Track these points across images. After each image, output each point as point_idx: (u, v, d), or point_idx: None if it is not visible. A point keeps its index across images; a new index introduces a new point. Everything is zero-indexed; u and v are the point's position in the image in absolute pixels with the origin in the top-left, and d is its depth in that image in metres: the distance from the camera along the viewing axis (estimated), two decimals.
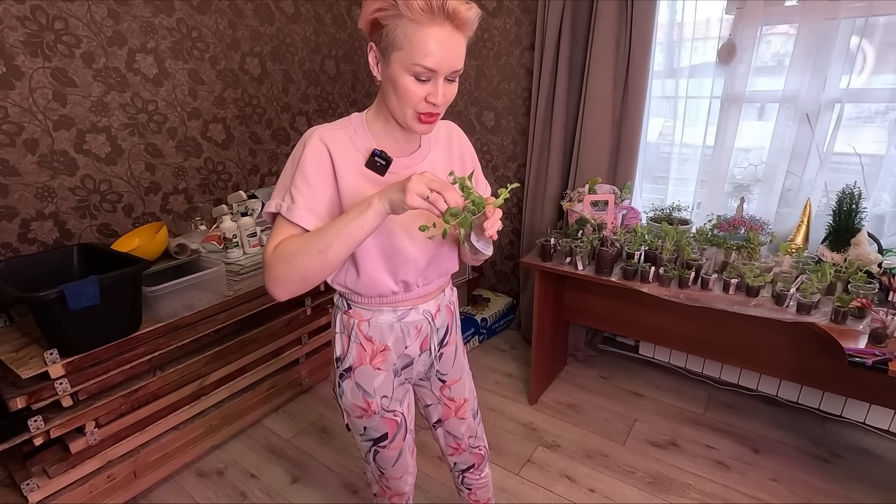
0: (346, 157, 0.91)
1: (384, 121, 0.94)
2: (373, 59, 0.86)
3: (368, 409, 1.06)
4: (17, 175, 1.74)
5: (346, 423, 1.13)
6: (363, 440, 1.13)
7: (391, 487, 1.21)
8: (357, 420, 1.09)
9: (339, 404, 1.10)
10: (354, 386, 1.05)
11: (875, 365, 1.30)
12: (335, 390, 1.09)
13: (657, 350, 2.46)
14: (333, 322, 1.07)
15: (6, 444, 1.38)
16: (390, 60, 0.82)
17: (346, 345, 1.04)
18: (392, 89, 0.85)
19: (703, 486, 1.78)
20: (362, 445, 1.14)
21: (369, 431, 1.10)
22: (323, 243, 0.83)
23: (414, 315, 1.05)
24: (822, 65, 1.80)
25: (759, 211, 1.99)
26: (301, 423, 2.16)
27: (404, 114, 0.87)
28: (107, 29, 1.88)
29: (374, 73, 0.87)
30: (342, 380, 1.06)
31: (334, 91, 2.84)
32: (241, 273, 1.98)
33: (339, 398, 1.09)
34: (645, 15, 2.00)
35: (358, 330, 1.02)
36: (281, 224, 0.89)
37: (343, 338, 1.04)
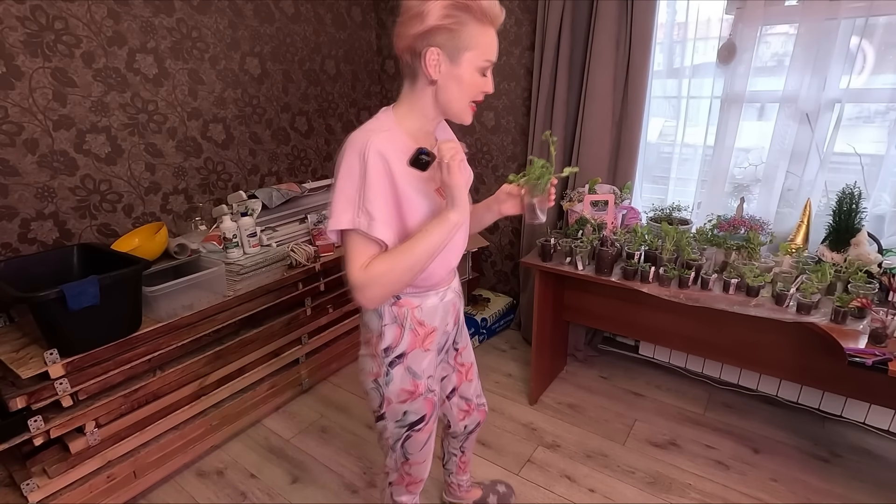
0: (396, 160, 0.94)
1: (421, 118, 1.01)
2: (434, 61, 0.93)
3: (416, 391, 1.13)
4: (17, 175, 1.74)
5: (380, 413, 1.16)
6: (398, 426, 1.17)
7: (411, 474, 1.27)
8: (399, 406, 1.14)
9: (382, 393, 1.13)
10: (405, 371, 1.12)
11: (875, 365, 1.30)
12: (378, 380, 1.12)
13: (657, 350, 2.46)
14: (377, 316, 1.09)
15: (6, 444, 1.38)
16: (461, 60, 0.93)
17: (399, 333, 1.10)
18: (456, 84, 0.96)
19: (703, 486, 1.78)
20: (394, 433, 1.19)
21: (409, 415, 1.16)
22: (409, 262, 0.93)
23: (450, 294, 1.18)
24: (822, 65, 1.80)
25: (759, 211, 1.99)
26: (301, 423, 2.16)
27: (463, 106, 0.99)
28: (107, 29, 1.88)
29: (433, 73, 0.94)
30: (392, 367, 1.11)
31: (334, 91, 2.84)
32: (241, 273, 1.98)
33: (382, 387, 1.12)
34: (645, 15, 2.00)
35: (412, 317, 1.10)
36: (359, 240, 0.93)
37: (394, 328, 1.09)
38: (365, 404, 2.27)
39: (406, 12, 0.92)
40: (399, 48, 0.96)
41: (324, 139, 2.85)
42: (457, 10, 0.89)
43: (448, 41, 0.91)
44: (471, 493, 1.68)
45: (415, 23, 0.90)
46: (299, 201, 2.35)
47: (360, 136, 0.94)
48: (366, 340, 1.14)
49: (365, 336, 1.14)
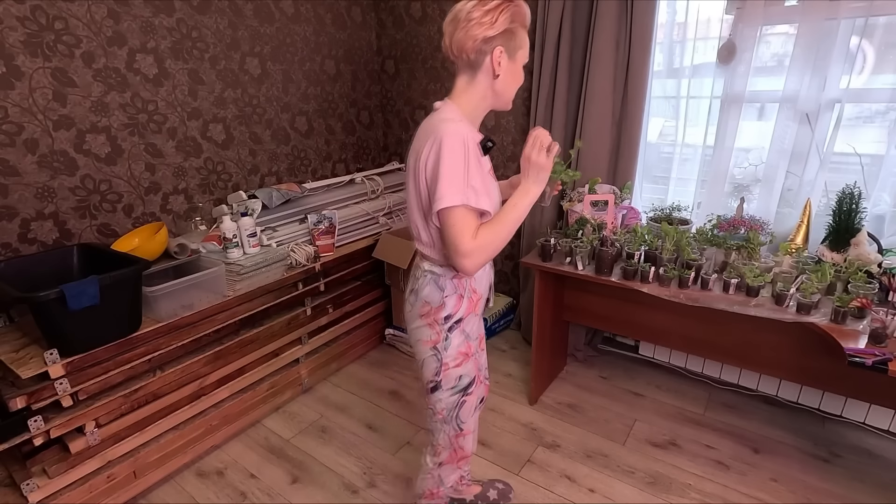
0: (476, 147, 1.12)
1: (479, 108, 1.19)
2: (498, 57, 1.11)
3: (469, 352, 1.27)
4: (17, 175, 1.74)
5: (436, 381, 1.27)
6: (453, 393, 1.28)
7: (463, 447, 1.37)
8: (455, 369, 1.26)
9: (440, 358, 1.24)
10: (461, 333, 1.25)
11: (875, 365, 1.30)
12: (437, 346, 1.24)
13: (657, 350, 2.46)
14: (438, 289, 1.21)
15: (6, 444, 1.38)
16: (516, 57, 1.15)
17: (459, 302, 1.23)
18: (511, 77, 1.17)
19: (703, 486, 1.78)
20: (449, 402, 1.29)
21: (463, 379, 1.28)
22: (506, 231, 1.12)
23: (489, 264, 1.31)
24: (822, 65, 1.80)
25: (759, 211, 1.99)
26: (301, 423, 2.16)
27: (513, 94, 1.21)
28: (107, 29, 1.88)
29: (497, 69, 1.12)
30: (451, 332, 1.24)
31: (334, 91, 2.84)
32: (241, 273, 1.98)
33: (441, 353, 1.24)
34: (645, 15, 2.00)
35: (471, 286, 1.25)
36: (467, 214, 1.07)
37: (455, 297, 1.22)
38: (363, 406, 2.27)
39: (469, 19, 1.08)
40: (462, 48, 1.11)
41: (324, 139, 2.85)
42: (514, 18, 1.10)
43: (508, 42, 1.12)
44: (471, 487, 1.69)
45: (485, 27, 1.08)
46: (299, 201, 2.35)
47: (453, 126, 1.08)
48: (423, 313, 1.24)
49: (421, 310, 1.24)
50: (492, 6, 1.08)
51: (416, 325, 1.27)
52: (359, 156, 3.10)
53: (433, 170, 1.07)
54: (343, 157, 3.00)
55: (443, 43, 1.16)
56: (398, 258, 2.40)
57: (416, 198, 1.16)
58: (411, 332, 1.30)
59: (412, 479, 1.84)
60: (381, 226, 2.66)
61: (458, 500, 1.68)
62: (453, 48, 1.13)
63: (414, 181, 1.15)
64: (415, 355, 1.31)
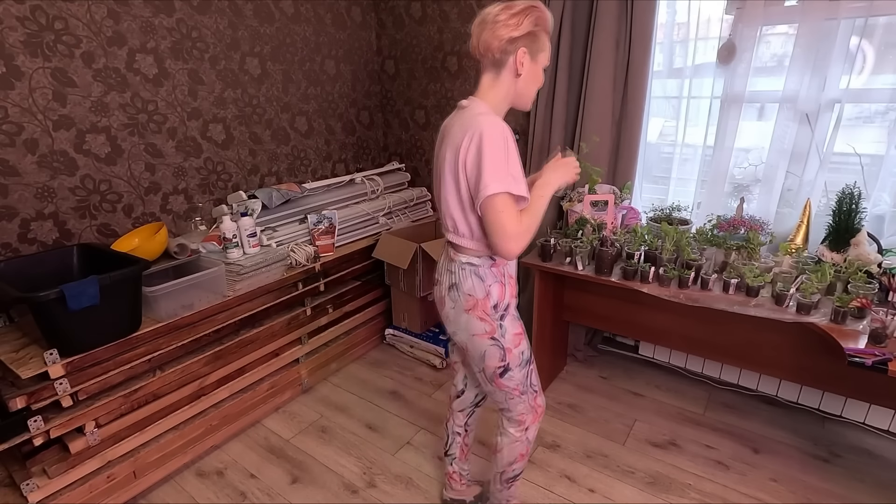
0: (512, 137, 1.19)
1: (503, 104, 1.26)
2: (521, 58, 1.19)
3: (522, 331, 1.36)
4: (17, 175, 1.74)
5: (503, 365, 1.33)
6: (521, 368, 1.36)
7: (540, 404, 1.47)
8: (515, 349, 1.33)
9: (502, 346, 1.31)
10: (512, 317, 1.34)
11: (875, 365, 1.31)
12: (495, 336, 1.30)
13: (657, 350, 2.46)
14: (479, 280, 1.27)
15: (6, 444, 1.38)
16: (538, 59, 1.23)
17: (501, 289, 1.29)
18: (532, 78, 1.25)
19: (703, 486, 1.78)
20: (520, 376, 1.37)
21: (525, 353, 1.37)
22: (539, 217, 1.20)
23: None
24: (822, 65, 1.80)
25: (759, 211, 1.99)
26: (301, 423, 2.16)
27: (533, 95, 1.30)
28: (107, 29, 1.88)
29: (521, 69, 1.20)
30: (503, 319, 1.31)
31: (334, 91, 2.84)
32: (241, 273, 1.98)
33: (500, 340, 1.30)
34: (645, 15, 2.00)
35: (507, 273, 1.31)
36: (510, 201, 1.14)
37: (497, 285, 1.28)
38: (363, 406, 2.27)
39: (496, 21, 1.16)
40: (488, 48, 1.18)
41: (324, 139, 2.85)
42: (537, 22, 1.18)
43: (531, 44, 1.19)
44: (471, 488, 1.70)
45: (510, 29, 1.15)
46: (299, 201, 2.35)
47: (491, 119, 1.15)
48: (469, 307, 1.28)
49: (467, 304, 1.28)
50: (518, 10, 1.16)
51: (465, 320, 1.31)
52: (359, 156, 3.10)
53: (475, 161, 1.13)
54: (343, 157, 3.00)
55: (470, 43, 1.23)
56: (398, 258, 2.40)
57: (455, 191, 1.21)
58: (460, 329, 1.33)
59: (412, 479, 1.85)
60: (381, 226, 2.66)
61: (458, 500, 1.68)
62: (480, 47, 1.20)
63: (452, 175, 1.20)
64: (468, 349, 1.35)
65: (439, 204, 1.30)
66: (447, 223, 1.28)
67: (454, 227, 1.26)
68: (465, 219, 1.23)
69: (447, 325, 1.38)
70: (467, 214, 1.22)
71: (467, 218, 1.22)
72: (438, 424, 2.13)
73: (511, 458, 1.50)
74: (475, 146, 1.13)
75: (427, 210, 2.96)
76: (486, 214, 1.15)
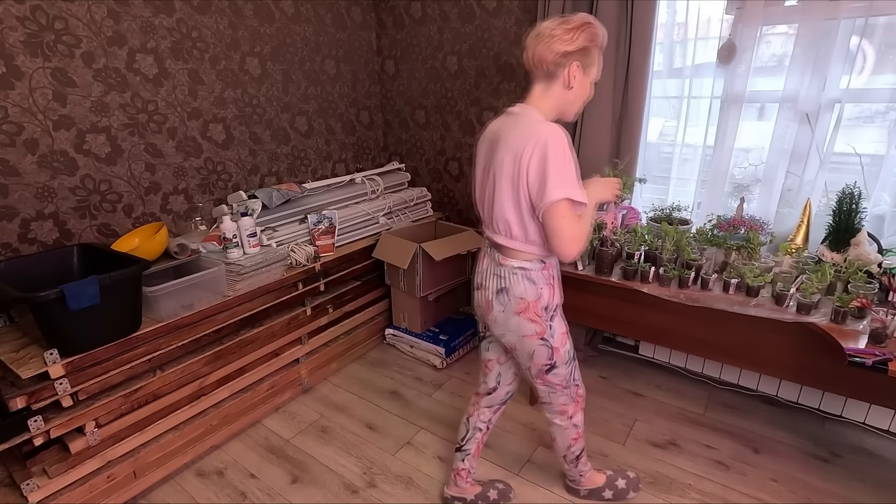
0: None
1: (552, 114, 1.31)
2: (574, 71, 1.24)
3: (567, 329, 1.44)
4: (17, 175, 1.74)
5: (550, 363, 1.41)
6: (567, 365, 1.45)
7: (581, 394, 1.56)
8: (562, 348, 1.41)
9: (550, 345, 1.38)
10: (560, 318, 1.41)
11: (875, 365, 1.30)
12: (545, 337, 1.36)
13: (657, 350, 2.46)
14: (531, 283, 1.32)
15: (6, 444, 1.38)
16: (589, 73, 1.29)
17: (550, 291, 1.36)
18: (582, 92, 1.30)
19: (703, 486, 1.78)
20: (566, 372, 1.45)
21: (570, 351, 1.45)
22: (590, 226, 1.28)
23: None
24: (822, 65, 1.80)
25: (759, 211, 1.99)
26: (301, 423, 2.16)
27: (579, 109, 1.35)
28: (107, 29, 1.88)
29: (572, 81, 1.26)
30: (552, 320, 1.38)
31: (334, 91, 2.84)
32: (241, 273, 1.98)
33: (550, 340, 1.37)
34: (645, 15, 2.00)
35: (555, 275, 1.38)
36: (572, 205, 1.20)
37: (547, 287, 1.35)
38: (363, 406, 2.27)
39: (552, 35, 1.21)
40: (543, 60, 1.24)
41: (324, 139, 2.85)
42: (591, 38, 1.23)
43: (584, 58, 1.25)
44: (474, 487, 1.70)
45: (565, 43, 1.21)
46: (299, 201, 2.35)
47: (554, 127, 1.20)
48: (520, 310, 1.33)
49: (518, 307, 1.33)
50: (573, 25, 1.22)
51: (515, 323, 1.36)
52: (359, 156, 3.10)
53: (540, 168, 1.18)
54: (343, 157, 3.00)
55: (524, 55, 1.28)
56: (398, 258, 2.40)
57: (513, 196, 1.25)
58: (510, 331, 1.38)
59: (412, 479, 1.85)
60: (381, 226, 2.66)
61: (459, 498, 1.68)
62: (534, 59, 1.26)
63: (511, 180, 1.24)
64: (516, 349, 1.41)
65: (488, 207, 1.35)
66: (498, 227, 1.32)
67: (507, 231, 1.30)
68: (521, 223, 1.27)
69: (494, 327, 1.42)
70: (525, 219, 1.26)
71: (524, 222, 1.27)
72: (439, 424, 2.13)
73: (566, 443, 1.61)
74: (539, 153, 1.17)
75: (427, 210, 2.96)
76: (550, 220, 1.20)
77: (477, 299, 1.46)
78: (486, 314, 1.42)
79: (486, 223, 1.39)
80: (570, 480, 1.73)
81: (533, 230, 1.28)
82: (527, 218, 1.26)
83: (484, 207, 1.38)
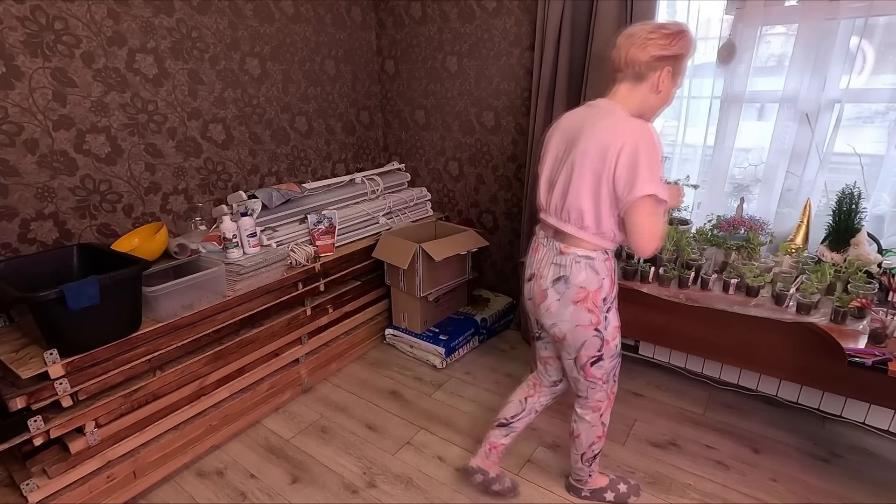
0: None
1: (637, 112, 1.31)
2: (665, 77, 1.28)
3: (620, 323, 1.45)
4: (17, 175, 1.74)
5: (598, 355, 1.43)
6: (613, 359, 1.47)
7: (615, 392, 1.57)
8: (613, 341, 1.43)
9: (602, 337, 1.40)
10: (615, 311, 1.43)
11: (875, 365, 1.31)
12: (599, 328, 1.38)
13: (657, 350, 2.46)
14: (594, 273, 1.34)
15: (6, 444, 1.38)
16: (675, 81, 1.32)
17: (610, 284, 1.38)
18: (665, 96, 1.33)
19: (703, 486, 1.78)
20: (610, 367, 1.47)
21: (618, 346, 1.47)
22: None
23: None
24: (822, 65, 1.80)
25: (759, 211, 1.99)
26: (301, 423, 2.16)
27: (659, 112, 1.38)
28: (107, 29, 1.88)
29: (661, 86, 1.29)
30: (608, 312, 1.40)
31: (334, 91, 2.84)
32: (241, 273, 1.98)
33: (603, 332, 1.39)
34: (645, 15, 2.00)
35: (614, 267, 1.41)
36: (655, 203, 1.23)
37: (608, 279, 1.37)
38: (363, 406, 2.27)
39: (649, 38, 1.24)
40: (635, 61, 1.26)
41: (324, 139, 2.85)
42: (684, 47, 1.27)
43: (676, 65, 1.28)
44: (496, 466, 1.73)
45: (661, 48, 1.24)
46: (299, 201, 2.35)
47: (647, 126, 1.23)
48: (578, 299, 1.35)
49: (576, 296, 1.35)
50: (670, 31, 1.25)
51: (571, 311, 1.37)
52: (359, 156, 3.10)
53: (631, 162, 1.19)
54: (343, 157, 3.00)
55: (614, 53, 1.31)
56: (398, 258, 2.40)
57: (594, 185, 1.26)
58: (563, 320, 1.39)
59: (412, 479, 1.85)
60: (382, 226, 2.66)
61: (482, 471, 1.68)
62: (626, 59, 1.28)
63: (594, 170, 1.25)
64: (566, 339, 1.42)
65: (559, 195, 1.35)
66: (568, 215, 1.33)
67: (578, 220, 1.31)
68: (595, 213, 1.28)
69: (546, 317, 1.42)
70: (601, 210, 1.27)
71: (599, 213, 1.28)
72: (438, 424, 2.13)
73: (589, 441, 1.60)
74: (631, 147, 1.19)
75: (427, 210, 2.96)
76: (634, 214, 1.22)
77: (528, 290, 1.48)
78: (539, 303, 1.42)
79: (551, 211, 1.39)
80: (575, 479, 1.73)
81: (607, 222, 1.28)
82: (604, 209, 1.27)
83: (552, 195, 1.38)
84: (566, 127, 1.38)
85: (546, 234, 1.43)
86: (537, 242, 1.47)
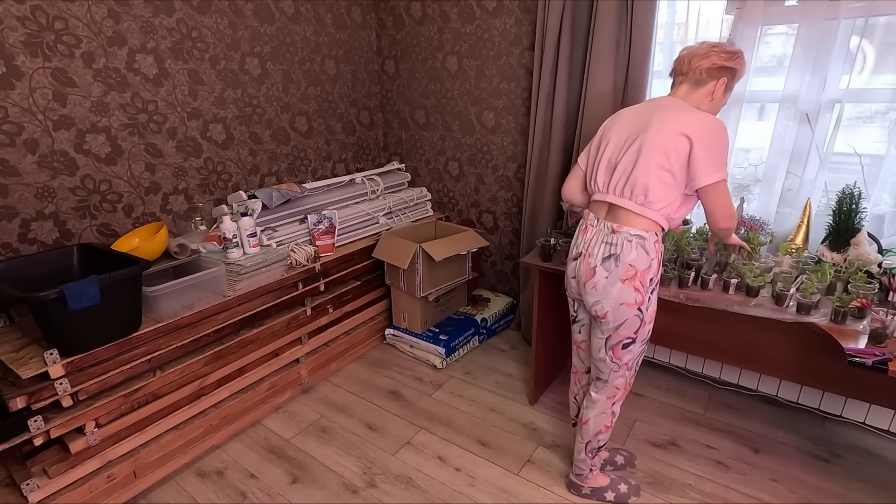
0: None
1: None
2: (720, 86, 1.39)
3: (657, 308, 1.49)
4: (17, 175, 1.74)
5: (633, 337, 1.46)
6: (643, 344, 1.51)
7: (631, 383, 1.61)
8: (649, 324, 1.48)
9: (642, 318, 1.44)
10: (656, 294, 1.47)
11: (875, 365, 1.30)
12: (642, 307, 1.42)
13: (657, 350, 2.46)
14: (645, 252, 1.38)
15: (6, 444, 1.38)
16: (726, 94, 1.44)
17: (658, 265, 1.42)
18: (716, 105, 1.44)
19: (703, 486, 1.78)
20: (638, 353, 1.51)
21: (650, 333, 1.50)
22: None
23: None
24: (822, 65, 1.80)
25: (759, 211, 1.99)
26: (301, 423, 2.16)
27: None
28: (107, 29, 1.88)
29: (717, 93, 1.40)
30: (652, 294, 1.44)
31: (334, 91, 2.84)
32: (242, 273, 1.98)
33: (644, 312, 1.43)
34: (645, 15, 2.00)
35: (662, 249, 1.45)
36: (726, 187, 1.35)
37: (656, 261, 1.41)
38: (363, 406, 2.27)
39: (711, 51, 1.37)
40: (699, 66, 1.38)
41: (324, 139, 2.85)
42: (740, 66, 1.41)
43: (731, 79, 1.41)
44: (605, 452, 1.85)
45: (723, 59, 1.37)
46: (299, 201, 2.35)
47: (718, 119, 1.35)
48: (626, 277, 1.39)
49: (625, 274, 1.39)
50: (730, 50, 1.39)
51: (617, 289, 1.40)
52: (359, 156, 3.10)
53: (711, 146, 1.30)
54: (343, 157, 3.00)
55: (678, 58, 1.43)
56: (398, 258, 2.40)
57: (664, 163, 1.33)
58: (608, 298, 1.42)
59: (412, 479, 1.85)
60: (382, 226, 2.66)
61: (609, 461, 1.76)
62: (690, 63, 1.39)
63: (664, 149, 1.32)
64: (607, 317, 1.44)
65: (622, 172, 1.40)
66: (631, 191, 1.38)
67: (641, 195, 1.36)
68: (660, 190, 1.34)
69: (590, 294, 1.45)
70: (669, 188, 1.35)
71: (664, 190, 1.34)
72: (438, 424, 2.13)
73: (597, 428, 1.62)
74: (710, 133, 1.30)
75: (427, 210, 2.96)
76: (713, 195, 1.34)
77: (573, 269, 1.52)
78: (586, 281, 1.45)
79: (610, 190, 1.44)
80: (576, 475, 1.73)
81: (670, 199, 1.36)
82: (672, 187, 1.34)
83: (614, 175, 1.42)
84: (630, 118, 1.46)
85: (597, 216, 1.48)
86: (585, 224, 1.51)
